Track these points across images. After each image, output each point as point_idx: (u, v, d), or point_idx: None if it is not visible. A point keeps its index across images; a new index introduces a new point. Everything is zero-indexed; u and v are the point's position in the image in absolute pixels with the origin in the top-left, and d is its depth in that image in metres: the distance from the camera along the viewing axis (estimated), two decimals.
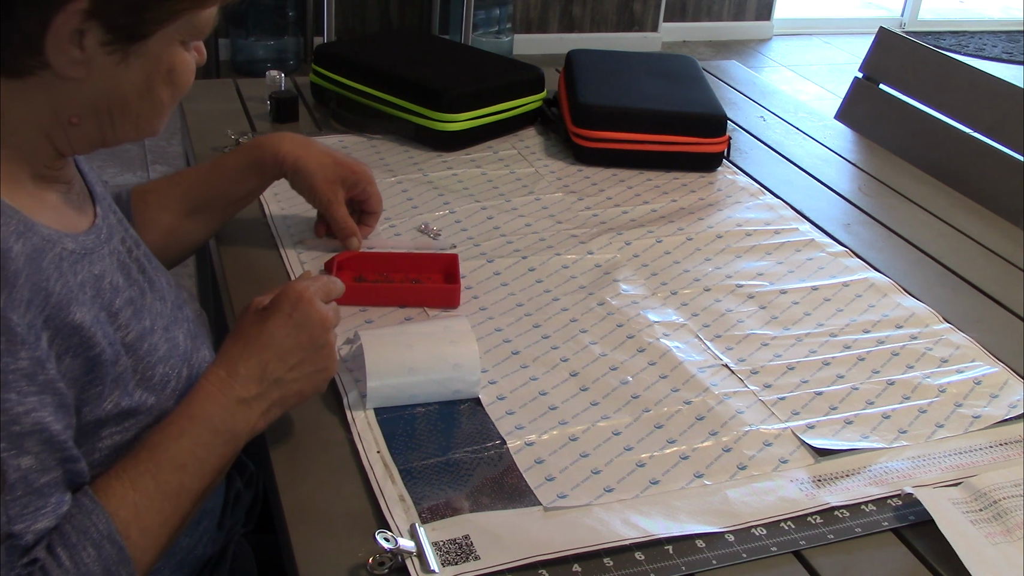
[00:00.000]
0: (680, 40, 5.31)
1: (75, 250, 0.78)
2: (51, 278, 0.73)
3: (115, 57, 0.74)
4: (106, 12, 0.71)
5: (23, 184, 0.77)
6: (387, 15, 4.52)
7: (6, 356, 0.67)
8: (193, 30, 0.79)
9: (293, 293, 0.86)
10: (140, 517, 0.75)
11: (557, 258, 1.27)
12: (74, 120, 0.78)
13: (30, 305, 0.70)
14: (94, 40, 0.72)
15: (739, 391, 1.04)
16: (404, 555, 0.78)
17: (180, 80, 0.80)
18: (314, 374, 0.87)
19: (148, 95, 0.79)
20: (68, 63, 0.72)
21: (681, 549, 0.83)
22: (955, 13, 6.43)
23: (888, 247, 1.38)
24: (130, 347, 0.81)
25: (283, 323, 0.85)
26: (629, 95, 1.57)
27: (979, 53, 5.58)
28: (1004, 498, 0.89)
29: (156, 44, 0.76)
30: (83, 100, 0.76)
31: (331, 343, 0.87)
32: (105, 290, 0.80)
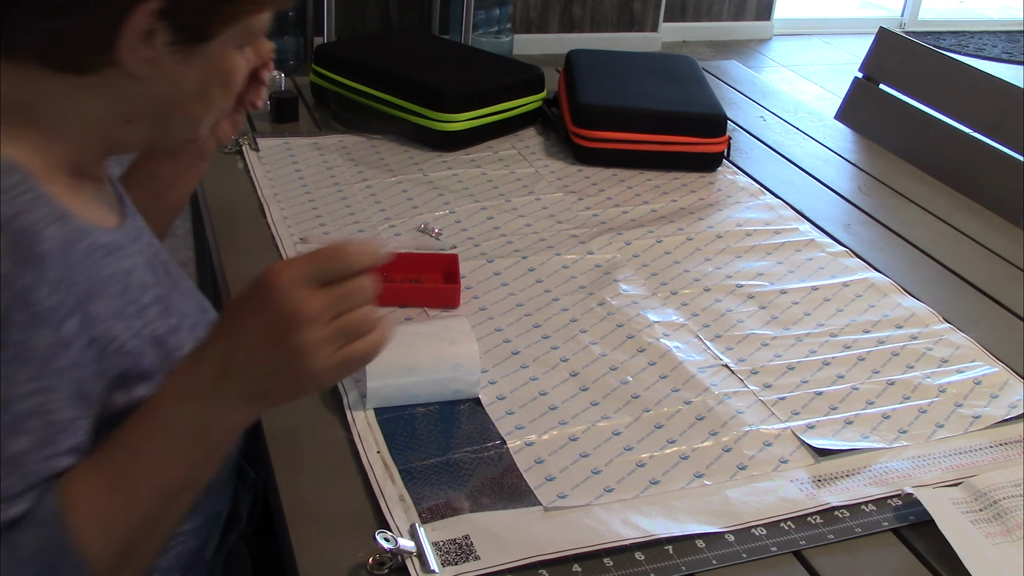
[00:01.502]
0: (680, 40, 5.31)
1: (106, 243, 0.78)
2: (82, 267, 0.73)
3: (179, 57, 0.75)
4: (176, 13, 0.72)
5: (61, 176, 0.77)
6: (387, 15, 4.52)
7: (23, 332, 0.66)
8: (249, 34, 0.80)
9: (264, 278, 0.71)
10: (89, 502, 0.69)
11: (557, 258, 1.27)
12: (132, 118, 0.78)
13: (58, 287, 0.69)
14: (162, 40, 0.73)
15: (739, 391, 1.04)
16: (404, 555, 0.78)
17: (233, 83, 0.81)
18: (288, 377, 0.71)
19: (203, 96, 0.79)
20: (138, 61, 0.73)
21: (681, 549, 0.83)
22: (955, 13, 6.43)
23: (888, 247, 1.38)
24: (158, 341, 0.81)
25: (252, 313, 0.71)
26: (629, 95, 1.57)
27: (979, 53, 5.58)
28: (1004, 498, 0.89)
29: (217, 46, 0.77)
30: (143, 99, 0.77)
31: (304, 344, 0.69)
32: (134, 286, 0.80)
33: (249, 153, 1.48)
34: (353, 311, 0.71)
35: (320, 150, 1.51)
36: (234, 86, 0.81)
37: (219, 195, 1.36)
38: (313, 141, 1.54)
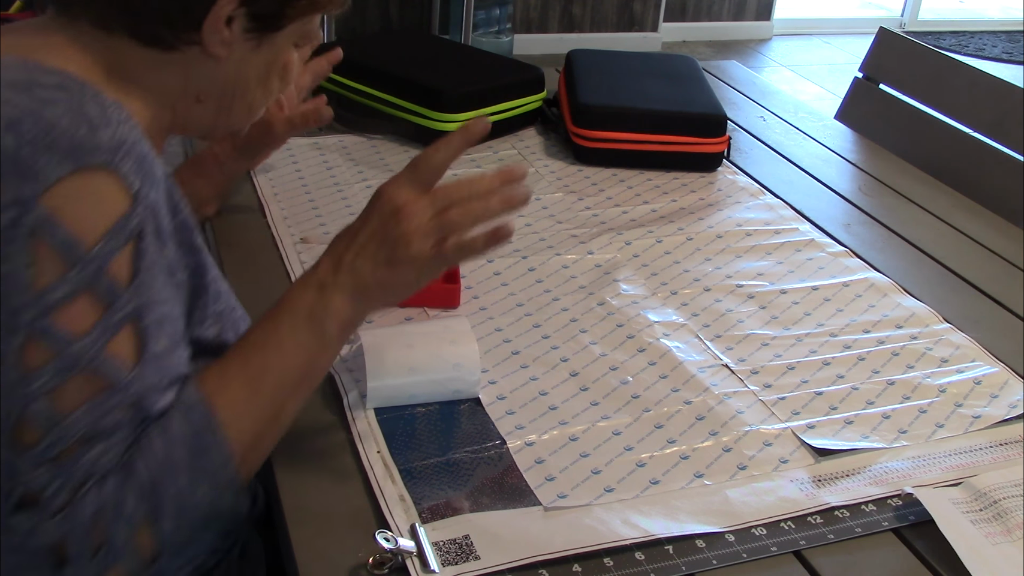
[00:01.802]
0: (680, 40, 5.31)
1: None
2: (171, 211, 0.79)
3: (251, 44, 0.82)
4: (255, 3, 0.79)
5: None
6: (387, 15, 4.52)
7: (155, 244, 0.74)
8: (306, 34, 0.88)
9: (377, 192, 0.85)
10: (226, 384, 0.78)
11: (557, 258, 1.27)
12: (202, 98, 0.85)
13: (168, 212, 0.78)
14: (239, 26, 0.80)
15: (739, 391, 1.04)
16: (404, 555, 0.78)
17: (289, 76, 0.90)
18: (388, 269, 0.81)
19: (264, 84, 0.87)
20: (218, 43, 0.80)
21: (681, 549, 0.83)
22: (955, 13, 6.42)
23: (888, 247, 1.38)
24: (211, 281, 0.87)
25: (363, 219, 0.84)
26: (629, 95, 1.57)
27: (979, 53, 5.58)
28: (1004, 498, 0.89)
29: (282, 38, 0.85)
30: (214, 80, 0.84)
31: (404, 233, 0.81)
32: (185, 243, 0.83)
33: None
34: (454, 208, 0.82)
35: (320, 150, 1.51)
36: (290, 80, 0.90)
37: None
38: (313, 141, 1.54)
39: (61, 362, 0.69)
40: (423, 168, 0.84)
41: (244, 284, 1.15)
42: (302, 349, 0.81)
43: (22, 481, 0.70)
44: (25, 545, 0.71)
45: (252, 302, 1.12)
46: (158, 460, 0.73)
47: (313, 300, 0.81)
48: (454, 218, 0.82)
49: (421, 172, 0.84)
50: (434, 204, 0.82)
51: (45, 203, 0.68)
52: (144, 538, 0.73)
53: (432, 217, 0.82)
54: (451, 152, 0.86)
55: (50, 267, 0.69)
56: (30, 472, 0.70)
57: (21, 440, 0.70)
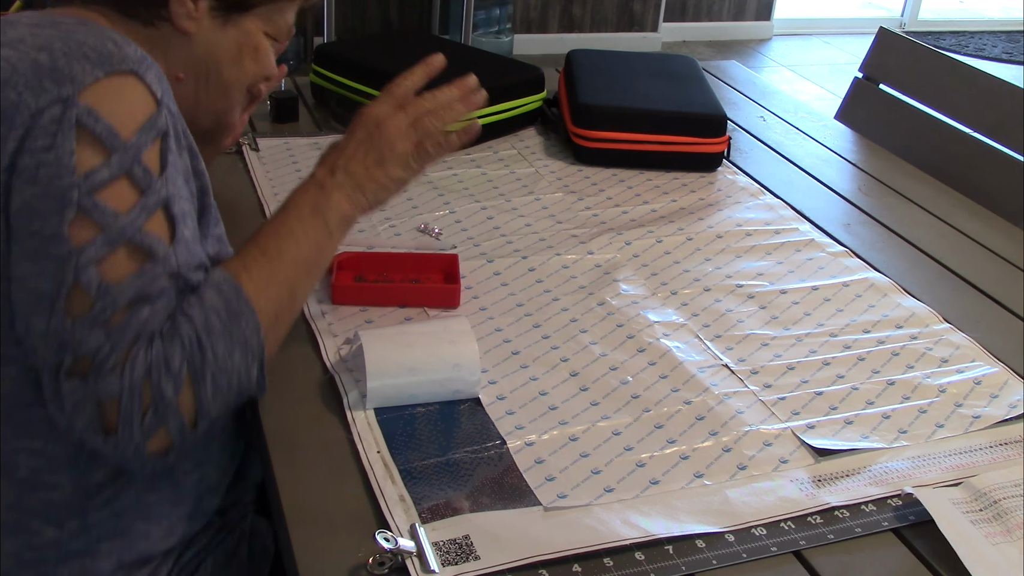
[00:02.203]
0: (680, 40, 5.31)
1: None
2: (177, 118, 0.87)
3: (218, 21, 0.92)
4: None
5: None
6: (387, 15, 4.52)
7: (176, 144, 0.84)
8: (278, 27, 0.98)
9: (370, 120, 0.97)
10: (246, 266, 0.87)
11: (557, 258, 1.27)
12: (180, 75, 0.94)
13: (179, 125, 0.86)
14: (205, 3, 0.90)
15: (739, 391, 1.04)
16: (404, 555, 0.78)
17: (263, 60, 0.98)
18: (379, 169, 0.96)
19: (237, 64, 0.96)
20: (185, 17, 0.90)
21: (681, 549, 0.83)
22: (955, 13, 6.43)
23: (888, 247, 1.38)
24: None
25: (350, 132, 0.98)
26: (629, 95, 1.57)
27: (979, 53, 5.58)
28: (1004, 498, 0.89)
29: (250, 22, 0.94)
30: (189, 56, 0.92)
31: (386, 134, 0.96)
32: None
33: (249, 153, 1.48)
34: (426, 116, 0.98)
35: (320, 150, 1.50)
36: (263, 64, 0.98)
37: (219, 195, 1.34)
38: (313, 141, 1.54)
39: (107, 235, 0.77)
40: (395, 92, 0.99)
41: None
42: (310, 237, 0.92)
43: (75, 347, 0.76)
44: (78, 413, 0.77)
45: None
46: (198, 325, 0.80)
47: (315, 196, 0.94)
48: (428, 122, 0.97)
49: (394, 95, 0.98)
50: (409, 114, 0.97)
51: (84, 99, 0.78)
52: (187, 398, 0.79)
53: (409, 124, 0.97)
54: (416, 80, 1.01)
55: (93, 153, 0.77)
56: (84, 337, 0.76)
57: (74, 308, 0.77)
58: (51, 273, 0.76)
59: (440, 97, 1.00)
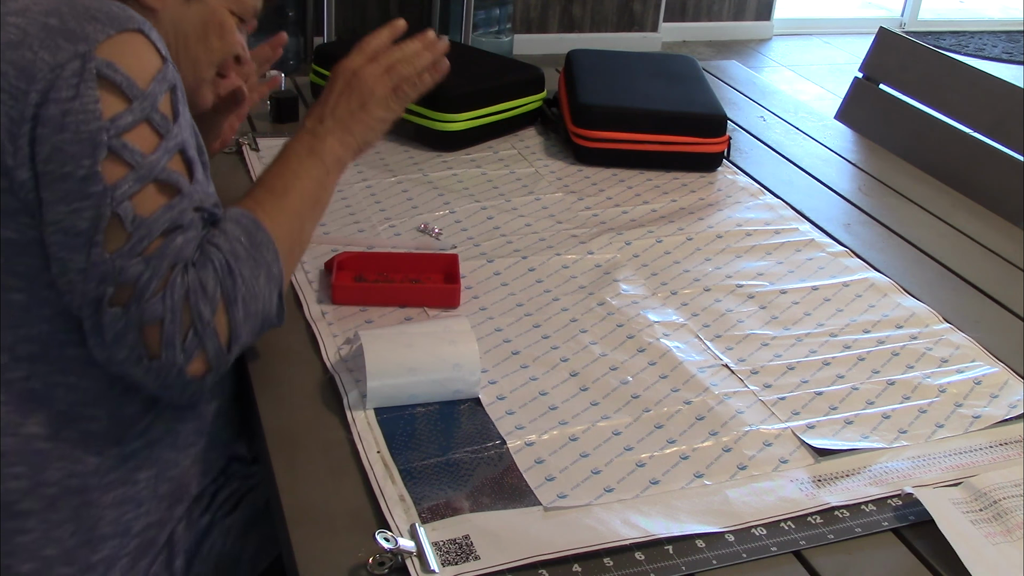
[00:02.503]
0: (680, 40, 5.31)
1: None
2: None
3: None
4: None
5: None
6: (387, 15, 4.52)
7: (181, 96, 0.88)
8: (240, 6, 1.02)
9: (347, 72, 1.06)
10: (258, 203, 0.94)
11: (557, 258, 1.27)
12: None
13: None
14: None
15: (739, 391, 1.04)
16: (404, 555, 0.78)
17: (228, 38, 1.02)
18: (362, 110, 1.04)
19: (203, 41, 1.00)
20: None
21: (681, 549, 0.83)
22: (955, 13, 6.43)
23: (888, 247, 1.38)
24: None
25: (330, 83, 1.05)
26: (629, 95, 1.57)
27: (979, 53, 5.58)
28: (1004, 498, 0.89)
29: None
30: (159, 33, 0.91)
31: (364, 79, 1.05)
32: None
33: (249, 153, 1.48)
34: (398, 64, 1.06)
35: None
36: (229, 42, 1.02)
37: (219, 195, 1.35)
38: None
39: (138, 172, 0.83)
40: (366, 48, 1.07)
41: None
42: (311, 174, 0.99)
43: (116, 277, 0.82)
44: (119, 342, 0.83)
45: None
46: (226, 251, 0.87)
47: (309, 142, 1.01)
48: (400, 68, 1.06)
49: (365, 51, 1.06)
50: (381, 63, 1.06)
51: (101, 54, 0.82)
52: (221, 320, 0.86)
53: (383, 72, 1.06)
54: (385, 39, 1.08)
55: (116, 101, 0.82)
56: (124, 266, 0.82)
57: (112, 242, 0.82)
58: (88, 211, 0.82)
59: (406, 48, 1.08)
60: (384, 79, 1.06)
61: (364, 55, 1.06)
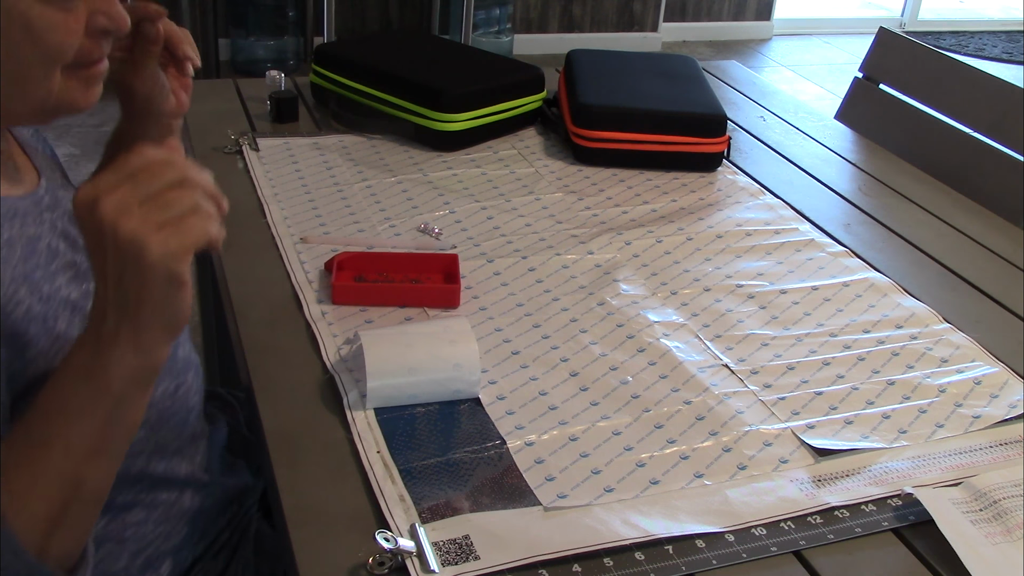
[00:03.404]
0: (680, 40, 5.31)
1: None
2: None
3: None
4: None
5: None
6: (387, 15, 4.52)
7: None
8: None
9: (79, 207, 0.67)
10: (8, 470, 0.69)
11: (557, 258, 1.27)
12: None
13: None
14: None
15: (739, 391, 1.04)
16: (404, 555, 0.78)
17: (44, 39, 0.73)
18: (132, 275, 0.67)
19: (10, 54, 0.73)
20: None
21: (681, 549, 0.83)
22: (955, 13, 6.43)
23: (888, 247, 1.38)
24: (73, 306, 0.81)
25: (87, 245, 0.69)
26: (629, 95, 1.57)
27: (979, 53, 5.58)
28: (1004, 498, 0.89)
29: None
30: None
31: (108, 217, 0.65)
32: (41, 251, 0.80)
33: (249, 153, 1.48)
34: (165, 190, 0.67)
35: (320, 150, 1.51)
36: (47, 42, 0.74)
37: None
38: (313, 141, 1.54)
39: None
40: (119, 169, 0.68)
41: (244, 284, 1.15)
42: (89, 413, 0.70)
43: None
44: None
45: (252, 302, 1.12)
46: None
47: (90, 356, 0.70)
48: (169, 197, 0.67)
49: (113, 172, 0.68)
50: (116, 172, 0.67)
51: None
52: None
53: (121, 182, 0.66)
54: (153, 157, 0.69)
55: None
56: None
57: None
58: None
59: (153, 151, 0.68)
60: (126, 200, 0.66)
61: (106, 179, 0.67)
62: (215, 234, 0.68)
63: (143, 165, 0.67)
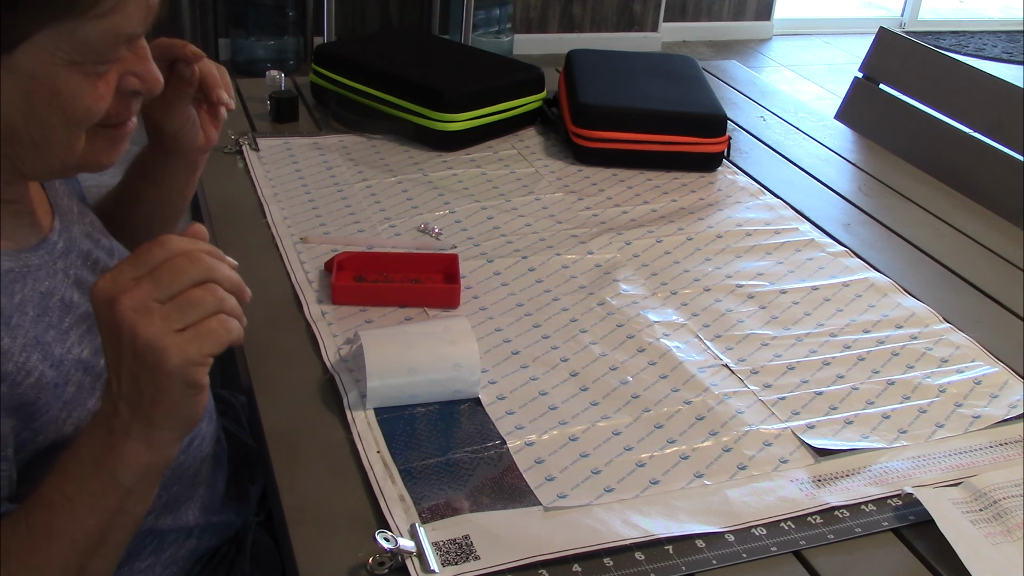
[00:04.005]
0: (680, 40, 5.31)
1: (12, 269, 0.76)
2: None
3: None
4: None
5: None
6: (387, 15, 4.52)
7: None
8: (82, 49, 0.69)
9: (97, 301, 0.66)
10: (9, 558, 0.68)
11: (557, 258, 1.27)
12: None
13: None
14: None
15: (739, 391, 1.04)
16: (404, 555, 0.78)
17: (71, 106, 0.71)
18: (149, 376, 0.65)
19: (34, 119, 0.70)
20: None
21: (681, 549, 0.83)
22: (955, 13, 6.42)
23: (888, 247, 1.38)
24: (86, 364, 0.79)
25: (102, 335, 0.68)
26: (629, 95, 1.57)
27: (979, 53, 5.58)
28: (1004, 498, 0.89)
29: (27, 61, 0.67)
30: None
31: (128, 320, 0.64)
32: (54, 308, 0.78)
33: (249, 153, 1.48)
34: (186, 289, 0.65)
35: (320, 150, 1.51)
36: (73, 110, 0.71)
37: (219, 195, 1.36)
38: (313, 141, 1.54)
39: None
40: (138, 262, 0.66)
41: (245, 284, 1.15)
42: (97, 505, 0.69)
43: None
44: None
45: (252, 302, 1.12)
46: None
47: (100, 447, 0.69)
48: (192, 298, 0.65)
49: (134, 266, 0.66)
50: (137, 267, 0.65)
51: None
52: None
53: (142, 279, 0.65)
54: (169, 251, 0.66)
55: None
56: None
57: None
58: None
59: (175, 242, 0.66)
60: (145, 302, 0.64)
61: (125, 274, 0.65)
62: (237, 335, 0.67)
63: (165, 260, 0.65)
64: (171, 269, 0.65)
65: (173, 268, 0.65)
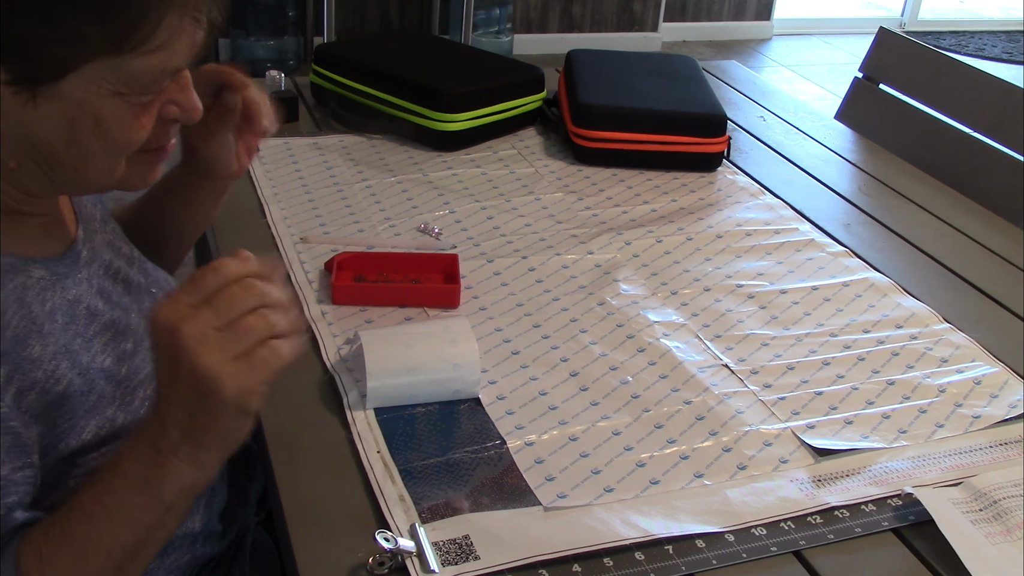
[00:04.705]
0: (680, 40, 5.31)
1: (43, 277, 0.76)
2: (10, 310, 0.72)
3: (22, 98, 0.69)
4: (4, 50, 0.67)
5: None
6: (387, 15, 4.52)
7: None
8: (127, 81, 0.71)
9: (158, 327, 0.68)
10: (43, 567, 0.70)
11: (557, 258, 1.27)
12: (12, 164, 0.73)
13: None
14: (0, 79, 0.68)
15: (739, 391, 1.04)
16: (404, 555, 0.78)
17: (113, 134, 0.73)
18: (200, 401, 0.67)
19: (75, 144, 0.72)
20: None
21: (681, 549, 0.83)
22: (955, 13, 6.42)
23: (888, 247, 1.38)
24: (108, 372, 0.79)
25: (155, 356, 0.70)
26: (629, 95, 1.57)
27: (979, 53, 5.58)
28: (1004, 498, 0.89)
29: (74, 89, 0.70)
30: (9, 143, 0.72)
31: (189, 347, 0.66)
32: (80, 316, 0.79)
33: None
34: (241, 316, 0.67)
35: (320, 150, 1.51)
36: (116, 137, 0.73)
37: None
38: (313, 141, 1.54)
39: None
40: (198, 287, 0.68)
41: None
42: (135, 520, 0.71)
43: None
44: None
45: None
46: None
47: (146, 465, 0.70)
48: (247, 326, 0.67)
49: (195, 290, 0.68)
50: (194, 294, 0.68)
51: None
52: None
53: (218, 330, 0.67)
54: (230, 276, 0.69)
55: None
56: None
57: None
58: None
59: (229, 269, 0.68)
60: (218, 348, 0.66)
61: (184, 301, 0.67)
62: (288, 358, 0.69)
63: (221, 287, 0.67)
64: (227, 298, 0.67)
65: (229, 296, 0.67)
